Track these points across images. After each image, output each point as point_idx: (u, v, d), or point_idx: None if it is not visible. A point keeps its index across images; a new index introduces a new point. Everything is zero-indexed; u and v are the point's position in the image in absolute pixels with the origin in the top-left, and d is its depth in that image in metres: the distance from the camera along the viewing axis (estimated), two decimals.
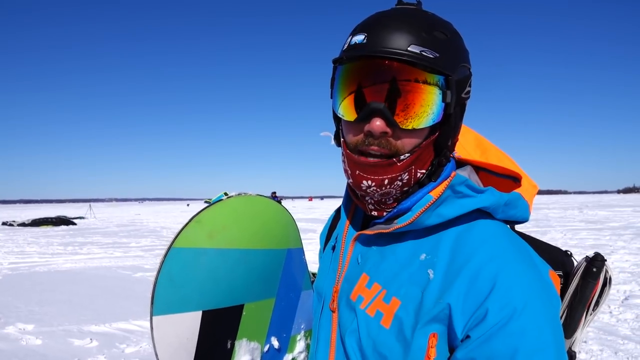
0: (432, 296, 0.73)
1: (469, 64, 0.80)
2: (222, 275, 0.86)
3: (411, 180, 0.79)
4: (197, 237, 0.83)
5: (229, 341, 0.88)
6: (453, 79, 0.75)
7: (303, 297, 1.01)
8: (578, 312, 0.88)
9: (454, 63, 0.75)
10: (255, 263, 0.90)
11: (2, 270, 9.55)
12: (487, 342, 0.68)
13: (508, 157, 1.00)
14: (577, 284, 0.88)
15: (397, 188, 0.79)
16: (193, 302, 0.82)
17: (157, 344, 0.79)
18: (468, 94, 0.80)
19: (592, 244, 11.95)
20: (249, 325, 0.91)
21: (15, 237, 18.39)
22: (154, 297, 0.79)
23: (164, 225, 24.92)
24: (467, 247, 0.75)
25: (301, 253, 1.03)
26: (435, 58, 0.73)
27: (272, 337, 0.95)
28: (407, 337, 0.73)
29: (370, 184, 0.78)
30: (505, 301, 0.69)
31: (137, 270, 9.31)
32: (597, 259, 0.88)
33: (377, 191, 0.79)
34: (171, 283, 0.80)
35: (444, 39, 0.75)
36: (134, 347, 4.59)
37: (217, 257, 0.85)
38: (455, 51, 0.76)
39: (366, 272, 0.83)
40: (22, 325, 5.44)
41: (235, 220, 0.89)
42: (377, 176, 0.77)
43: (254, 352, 0.91)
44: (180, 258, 0.82)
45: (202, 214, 0.85)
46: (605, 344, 4.38)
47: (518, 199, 0.84)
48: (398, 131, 0.75)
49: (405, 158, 0.76)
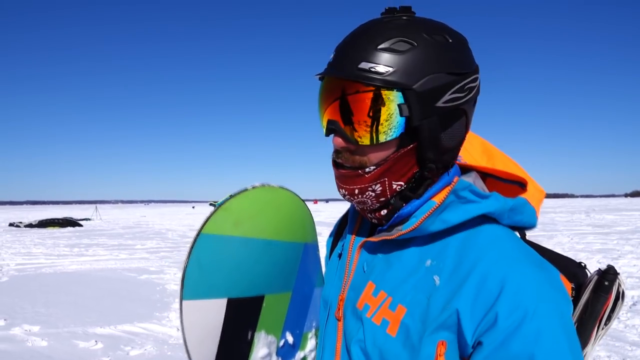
0: (439, 302, 0.72)
1: (448, 70, 0.75)
2: (246, 264, 0.86)
3: (386, 191, 0.79)
4: (223, 225, 0.84)
5: (249, 332, 0.88)
6: (413, 91, 0.73)
7: (316, 293, 1.00)
8: (589, 326, 0.85)
9: (417, 74, 0.73)
10: (277, 255, 0.90)
11: (9, 271, 9.61)
12: (501, 348, 0.67)
13: (514, 162, 0.98)
14: (588, 297, 0.85)
15: (370, 198, 0.80)
16: (220, 288, 0.83)
17: (186, 330, 0.80)
18: (453, 102, 0.76)
19: (599, 248, 11.77)
20: (268, 317, 0.91)
21: (22, 238, 18.51)
22: (183, 282, 0.79)
23: (170, 227, 24.98)
24: (474, 252, 0.74)
25: (316, 248, 1.03)
26: (386, 73, 0.72)
27: (287, 332, 0.95)
28: (415, 345, 0.72)
29: (344, 192, 0.82)
30: (515, 304, 0.68)
31: (143, 272, 9.34)
32: (610, 272, 0.85)
33: (352, 199, 0.82)
34: (200, 268, 0.81)
35: (407, 49, 0.73)
36: (139, 350, 4.58)
37: (241, 245, 0.85)
38: (421, 61, 0.73)
39: (372, 280, 0.82)
40: (28, 326, 5.47)
41: (260, 210, 0.89)
42: (348, 185, 0.81)
43: (271, 346, 0.91)
44: (208, 244, 0.82)
45: (229, 202, 0.85)
46: (613, 350, 4.34)
47: (524, 204, 0.82)
48: (361, 146, 0.77)
49: (371, 171, 0.78)
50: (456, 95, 0.76)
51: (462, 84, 0.76)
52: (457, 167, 0.85)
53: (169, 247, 14.23)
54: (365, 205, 0.82)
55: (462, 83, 0.76)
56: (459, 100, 0.76)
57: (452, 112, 0.77)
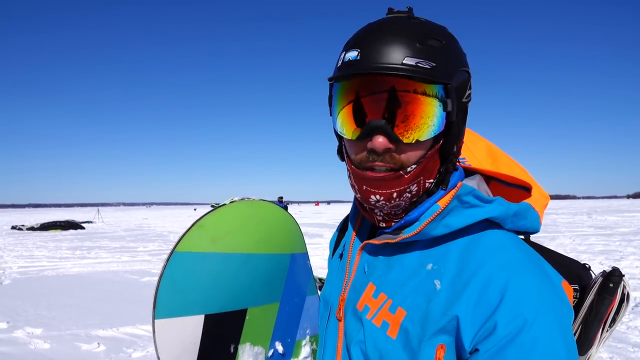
0: (439, 307, 0.72)
1: (466, 67, 0.79)
2: (225, 279, 0.86)
3: (420, 190, 0.78)
4: (200, 242, 0.84)
5: (232, 345, 0.89)
6: (452, 87, 0.74)
7: (308, 302, 1.01)
8: (593, 328, 0.85)
9: (452, 70, 0.74)
10: (259, 268, 0.91)
11: (12, 274, 9.62)
12: (496, 355, 0.66)
13: (519, 165, 0.98)
14: (593, 299, 0.85)
15: (406, 200, 0.78)
16: (196, 306, 0.83)
17: (160, 348, 0.80)
18: (469, 97, 0.79)
19: (601, 249, 11.75)
20: (253, 329, 0.91)
21: (24, 241, 18.54)
22: (156, 301, 0.80)
23: (171, 229, 24.99)
24: (476, 258, 0.74)
25: (306, 258, 1.03)
26: (431, 68, 0.72)
27: (276, 342, 0.95)
28: (414, 348, 0.72)
29: (379, 198, 0.77)
30: (515, 312, 0.67)
31: (145, 274, 9.35)
32: (615, 274, 0.85)
33: (387, 204, 0.78)
34: (173, 287, 0.81)
35: (439, 46, 0.74)
36: (141, 352, 4.60)
37: (220, 261, 0.85)
38: (451, 57, 0.75)
39: (372, 281, 0.83)
40: (30, 329, 5.48)
41: (239, 225, 0.89)
42: (385, 190, 0.76)
43: (258, 357, 0.91)
44: (183, 262, 0.83)
45: (204, 219, 0.86)
46: (616, 352, 4.33)
47: (528, 209, 0.82)
48: (402, 145, 0.74)
49: (412, 170, 0.75)
50: (470, 91, 0.79)
51: (471, 81, 0.80)
52: (461, 171, 0.85)
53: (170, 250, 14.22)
54: (398, 208, 0.80)
55: (471, 80, 0.80)
56: (470, 97, 0.80)
57: (466, 108, 0.80)
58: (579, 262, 0.92)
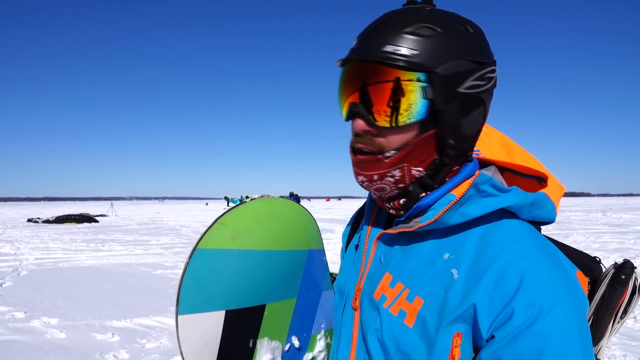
0: (457, 296, 0.73)
1: (475, 57, 0.77)
2: (245, 275, 0.88)
3: (405, 177, 0.79)
4: (221, 239, 0.86)
5: (251, 340, 0.90)
6: (437, 74, 0.74)
7: (323, 297, 1.03)
8: (604, 319, 0.86)
9: (440, 58, 0.74)
10: (278, 264, 0.92)
11: (28, 265, 9.80)
12: (512, 343, 0.68)
13: (534, 158, 0.98)
14: (604, 291, 0.86)
15: (389, 184, 0.80)
16: (217, 302, 0.85)
17: (182, 343, 0.81)
18: (474, 89, 0.77)
19: (615, 247, 11.64)
20: (271, 324, 0.93)
21: (40, 233, 18.84)
22: (179, 297, 0.81)
23: (184, 223, 25.20)
24: (493, 247, 0.75)
25: (322, 254, 1.05)
26: (411, 55, 0.73)
27: (292, 337, 0.97)
28: (431, 336, 0.73)
29: (363, 179, 0.81)
30: (532, 300, 0.68)
31: (157, 267, 9.45)
32: (626, 266, 0.86)
33: (370, 186, 0.82)
34: (196, 283, 0.82)
35: (432, 34, 0.74)
36: (154, 343, 4.65)
37: (240, 258, 0.87)
38: (444, 46, 0.75)
39: (389, 271, 0.83)
40: (46, 319, 5.59)
41: (258, 222, 0.91)
42: (366, 172, 0.80)
43: (275, 351, 0.93)
44: (205, 259, 0.84)
45: (225, 216, 0.87)
46: (629, 350, 4.28)
47: (544, 199, 0.83)
48: (382, 129, 0.77)
49: (391, 155, 0.77)
50: (476, 82, 0.77)
51: (481, 72, 0.77)
52: (476, 162, 0.85)
53: (183, 243, 14.36)
54: (383, 192, 0.82)
55: (482, 72, 0.77)
56: (478, 88, 0.77)
57: (471, 99, 0.78)
58: (590, 255, 0.93)
